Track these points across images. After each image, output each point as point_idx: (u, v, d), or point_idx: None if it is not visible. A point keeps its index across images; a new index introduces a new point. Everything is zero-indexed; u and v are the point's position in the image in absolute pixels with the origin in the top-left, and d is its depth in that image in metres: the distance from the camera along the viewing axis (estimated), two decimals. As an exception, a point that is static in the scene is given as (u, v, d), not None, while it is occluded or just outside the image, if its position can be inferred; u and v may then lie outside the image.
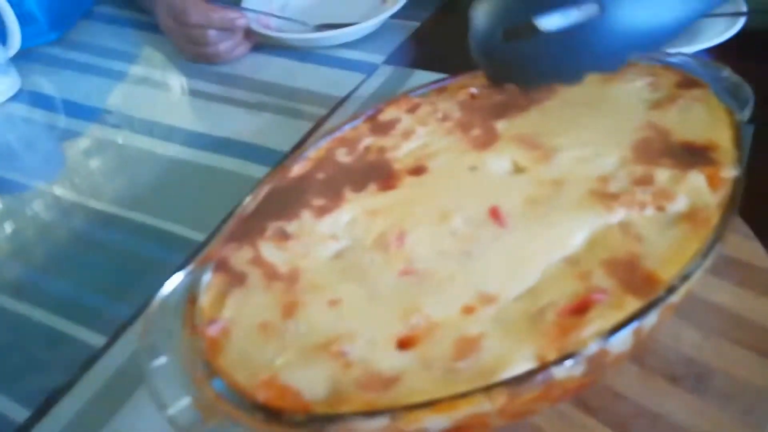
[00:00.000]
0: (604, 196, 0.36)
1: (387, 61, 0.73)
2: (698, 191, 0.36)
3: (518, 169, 0.40)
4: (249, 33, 0.74)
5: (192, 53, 0.74)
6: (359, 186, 0.40)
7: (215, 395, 0.30)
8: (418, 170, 0.41)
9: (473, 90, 0.46)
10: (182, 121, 0.68)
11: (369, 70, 0.71)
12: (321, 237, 0.38)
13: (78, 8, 0.89)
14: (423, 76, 0.68)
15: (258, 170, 0.60)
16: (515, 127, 0.42)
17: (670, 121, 0.40)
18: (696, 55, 0.50)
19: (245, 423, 0.29)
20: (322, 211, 0.39)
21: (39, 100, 0.76)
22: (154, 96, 0.73)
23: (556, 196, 0.37)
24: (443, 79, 0.48)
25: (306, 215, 0.39)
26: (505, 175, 0.40)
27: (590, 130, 0.41)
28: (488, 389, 0.29)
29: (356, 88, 0.69)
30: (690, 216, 0.34)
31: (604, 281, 0.32)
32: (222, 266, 0.36)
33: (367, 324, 0.32)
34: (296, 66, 0.74)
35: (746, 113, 0.40)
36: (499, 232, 0.36)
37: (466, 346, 0.31)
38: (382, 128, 0.45)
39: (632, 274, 0.32)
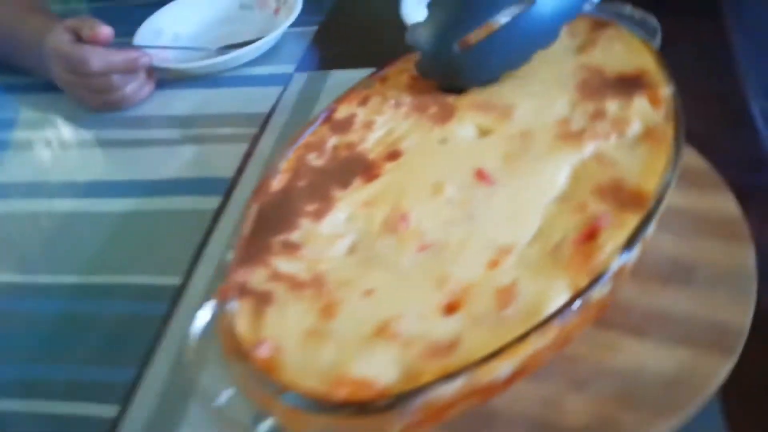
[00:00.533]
0: (570, 136, 0.40)
1: (298, 69, 0.74)
2: (646, 112, 0.40)
3: (484, 132, 0.43)
4: (151, 71, 0.73)
5: (96, 103, 0.71)
6: (344, 183, 0.42)
7: (290, 408, 0.31)
8: (393, 155, 0.43)
9: (413, 73, 0.48)
10: (108, 173, 0.66)
11: (283, 80, 0.72)
12: (327, 238, 0.39)
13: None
14: (340, 76, 0.70)
15: (208, 202, 0.59)
16: (466, 97, 0.45)
17: (597, 60, 0.45)
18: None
19: (331, 425, 0.30)
20: (318, 215, 0.40)
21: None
22: (66, 156, 0.70)
23: (528, 147, 0.40)
24: (379, 70, 0.50)
25: (304, 222, 0.40)
26: (475, 140, 0.42)
27: (533, 84, 0.45)
28: (541, 326, 0.31)
29: (278, 101, 0.69)
30: (647, 135, 0.39)
31: (600, 207, 0.36)
32: (244, 291, 0.37)
33: (407, 302, 0.34)
34: (207, 93, 0.73)
35: (657, 40, 0.45)
36: (490, 190, 0.39)
37: (505, 295, 0.33)
38: (341, 126, 0.46)
39: (621, 194, 0.36)
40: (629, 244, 0.33)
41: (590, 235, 0.35)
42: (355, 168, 0.43)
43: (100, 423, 0.44)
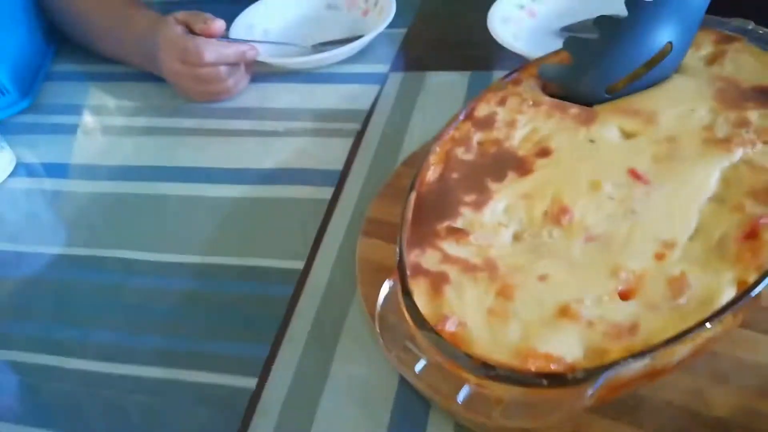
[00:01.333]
0: (717, 142, 0.43)
1: (393, 69, 0.76)
2: (787, 123, 0.43)
3: (629, 135, 0.45)
4: (250, 65, 0.75)
5: (201, 94, 0.73)
6: (498, 176, 0.44)
7: (485, 379, 0.33)
8: (543, 152, 0.45)
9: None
10: (217, 160, 0.68)
11: (379, 80, 0.75)
12: (491, 226, 0.41)
13: (40, 71, 0.85)
14: (436, 77, 0.73)
15: (321, 192, 0.61)
16: (607, 102, 0.48)
17: (729, 72, 0.48)
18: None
19: (523, 395, 0.33)
20: (477, 205, 0.43)
21: (39, 171, 0.72)
22: (178, 142, 0.72)
23: (676, 151, 0.43)
24: (510, 74, 0.52)
25: (466, 211, 0.42)
26: (622, 142, 0.45)
27: (672, 92, 0.47)
28: (717, 314, 0.34)
29: (377, 99, 0.72)
30: (792, 144, 0.41)
31: (758, 208, 0.38)
32: (419, 271, 0.39)
33: (583, 287, 0.37)
34: (303, 88, 0.76)
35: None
36: (647, 189, 0.41)
37: (678, 285, 0.36)
38: (484, 123, 0.48)
39: (777, 198, 0.38)
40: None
41: (752, 234, 0.37)
42: (507, 163, 0.45)
43: (240, 393, 0.46)
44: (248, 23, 0.82)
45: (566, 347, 0.34)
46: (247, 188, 0.64)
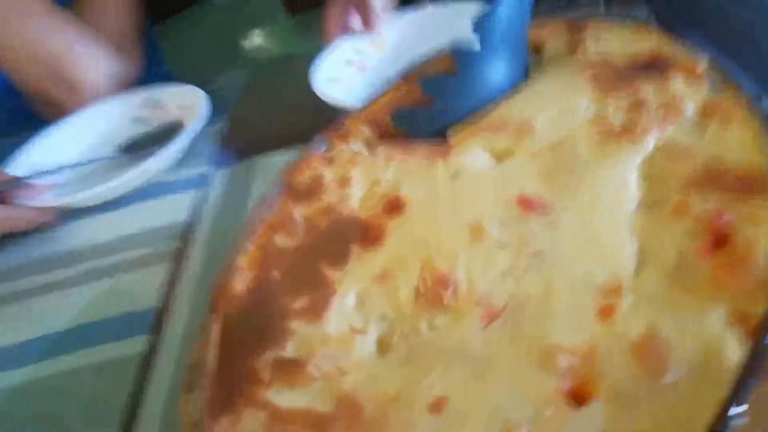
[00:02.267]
0: (617, 134, 0.31)
1: (216, 166, 0.61)
2: (690, 90, 0.32)
3: (501, 156, 0.32)
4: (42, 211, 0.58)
5: None
6: (338, 258, 0.29)
7: None
8: (393, 207, 0.31)
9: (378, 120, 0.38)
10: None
11: (199, 181, 0.60)
12: (339, 340, 0.26)
13: None
14: (270, 160, 0.59)
15: (131, 345, 0.44)
16: (463, 126, 0.35)
17: (596, 54, 0.37)
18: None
19: None
20: (313, 311, 0.27)
21: None
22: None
23: (569, 159, 0.30)
24: (328, 129, 0.39)
25: (296, 326, 0.27)
26: (495, 167, 0.32)
27: (540, 94, 0.35)
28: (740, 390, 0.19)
29: (199, 205, 0.56)
30: (708, 111, 0.30)
31: (706, 204, 0.26)
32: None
33: (506, 406, 0.21)
34: (114, 216, 0.59)
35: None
36: (548, 218, 0.28)
37: (649, 353, 0.22)
38: (307, 193, 0.34)
39: (725, 180, 0.26)
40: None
41: (719, 241, 0.24)
42: (347, 235, 0.31)
43: None
44: (34, 162, 0.65)
45: None
46: (29, 370, 0.45)
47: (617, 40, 0.37)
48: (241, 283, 0.30)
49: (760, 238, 0.23)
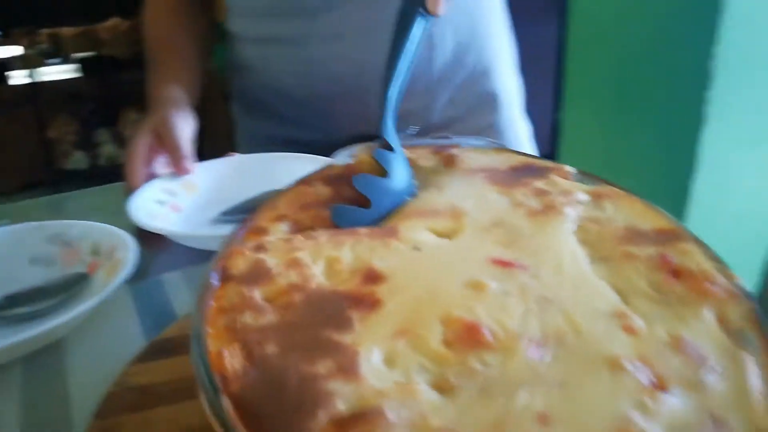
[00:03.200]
0: (541, 212, 0.36)
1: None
2: (570, 183, 0.39)
3: (447, 234, 0.35)
4: None
5: None
6: (341, 324, 0.27)
7: None
8: (373, 278, 0.30)
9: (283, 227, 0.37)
10: None
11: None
12: (397, 390, 0.23)
13: None
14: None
15: None
16: (395, 214, 0.37)
17: (475, 165, 0.43)
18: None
19: None
20: (345, 372, 0.24)
21: None
22: None
23: (514, 232, 0.34)
24: (240, 229, 0.37)
25: (336, 386, 0.23)
26: (449, 242, 0.34)
27: (448, 192, 0.39)
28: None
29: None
30: (596, 195, 0.38)
31: (647, 250, 0.32)
32: None
33: (608, 405, 0.22)
34: None
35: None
36: (528, 273, 0.30)
37: (683, 346, 0.25)
38: (255, 277, 0.31)
39: (648, 236, 0.33)
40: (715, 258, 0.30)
41: (677, 273, 0.30)
42: (337, 305, 0.28)
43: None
44: None
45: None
46: None
47: (486, 157, 0.44)
48: (232, 365, 0.25)
49: (701, 262, 0.29)
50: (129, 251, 0.47)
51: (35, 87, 2.41)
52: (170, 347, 0.40)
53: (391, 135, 0.40)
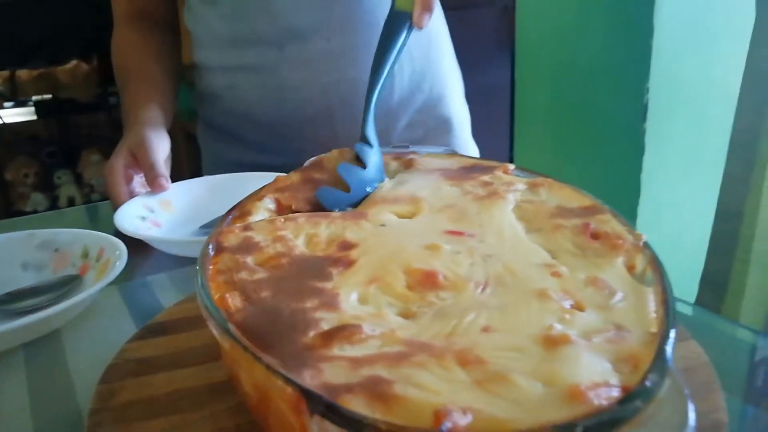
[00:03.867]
0: (487, 197, 0.42)
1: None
2: (510, 177, 0.46)
3: (407, 215, 0.41)
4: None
5: None
6: (322, 276, 0.33)
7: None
8: (346, 246, 0.36)
9: (270, 202, 0.43)
10: None
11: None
12: (370, 316, 0.29)
13: None
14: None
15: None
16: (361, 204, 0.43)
17: (429, 167, 0.50)
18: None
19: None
20: (328, 306, 0.30)
21: None
22: None
23: (464, 212, 0.40)
24: (226, 216, 0.42)
25: (321, 314, 0.29)
26: (410, 221, 0.40)
27: (409, 186, 0.45)
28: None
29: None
30: (533, 185, 0.44)
31: (571, 221, 0.38)
32: (339, 390, 0.23)
33: (537, 317, 0.28)
34: None
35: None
36: (475, 239, 0.37)
37: (598, 283, 0.31)
38: (245, 249, 0.36)
39: (575, 211, 0.40)
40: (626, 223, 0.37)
41: (595, 235, 0.36)
42: (318, 264, 0.34)
43: None
44: None
45: (593, 370, 0.24)
46: None
47: (440, 160, 0.51)
48: (232, 302, 0.30)
49: (618, 228, 0.36)
50: (118, 252, 0.52)
51: (-9, 129, 2.41)
52: (164, 328, 0.44)
53: (371, 131, 0.46)
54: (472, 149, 0.91)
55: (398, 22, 0.54)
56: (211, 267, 0.34)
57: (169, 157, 0.74)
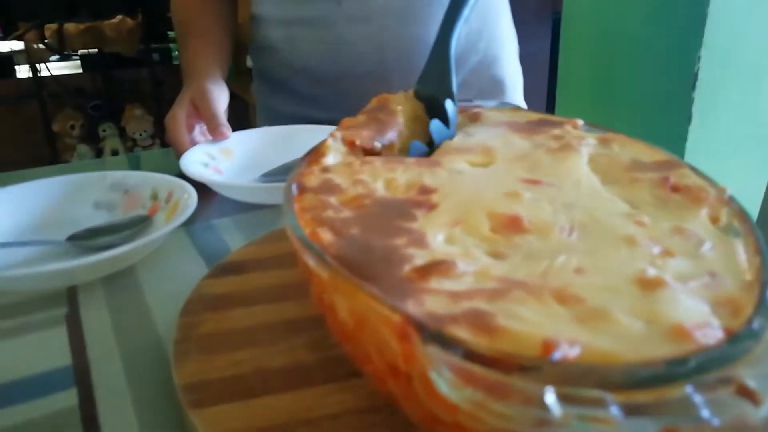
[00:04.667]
0: (560, 149, 0.42)
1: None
2: (579, 132, 0.46)
3: (480, 165, 0.41)
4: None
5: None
6: (407, 217, 0.33)
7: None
8: (426, 191, 0.37)
9: (339, 144, 0.44)
10: None
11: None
12: (461, 254, 0.30)
13: None
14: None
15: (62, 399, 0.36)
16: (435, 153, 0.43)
17: (497, 120, 0.50)
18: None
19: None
20: (418, 243, 0.30)
21: None
22: None
23: (538, 163, 0.40)
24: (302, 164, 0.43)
25: (413, 251, 0.30)
26: (485, 170, 0.40)
27: (477, 137, 0.46)
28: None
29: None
30: (604, 140, 0.44)
31: (648, 174, 0.38)
32: (444, 320, 0.24)
33: (631, 260, 0.28)
34: None
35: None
36: (553, 189, 0.37)
37: (685, 233, 0.31)
38: (327, 189, 0.37)
39: (650, 166, 0.39)
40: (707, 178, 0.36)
41: (673, 187, 0.36)
42: (401, 206, 0.35)
43: None
44: None
45: (693, 312, 0.24)
46: None
47: (506, 115, 0.50)
48: (325, 237, 0.31)
49: (699, 182, 0.36)
50: (188, 194, 0.53)
51: (39, 81, 2.46)
52: (236, 268, 0.46)
53: (454, 87, 0.47)
54: (525, 110, 0.90)
55: None
56: (296, 205, 0.35)
57: (227, 108, 0.75)
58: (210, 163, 0.69)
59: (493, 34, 0.85)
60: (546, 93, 2.21)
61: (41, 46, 2.46)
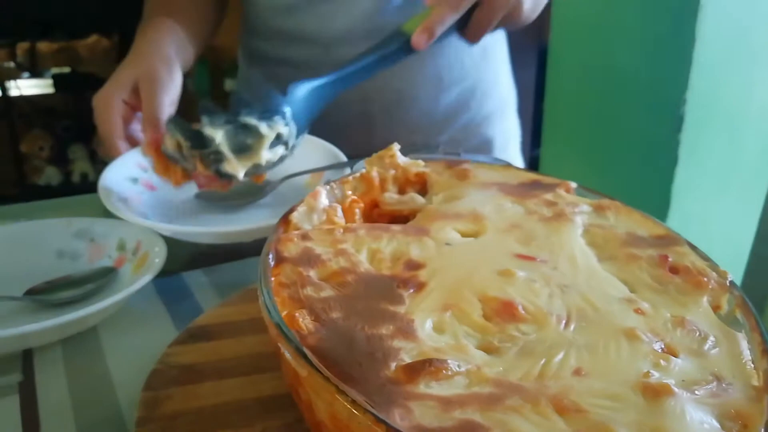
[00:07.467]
0: (553, 218, 0.40)
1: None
2: (573, 197, 0.44)
3: (471, 234, 0.39)
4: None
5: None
6: (393, 299, 0.31)
7: None
8: (413, 266, 0.34)
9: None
10: None
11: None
12: (452, 349, 0.27)
13: None
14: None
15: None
16: (421, 217, 0.41)
17: (486, 179, 0.48)
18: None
19: None
20: (404, 334, 0.28)
21: None
22: None
23: (531, 233, 0.39)
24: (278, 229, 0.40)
25: (399, 344, 0.27)
26: (474, 240, 0.38)
27: (467, 202, 0.43)
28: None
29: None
30: (599, 207, 0.42)
31: (646, 251, 0.37)
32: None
33: (629, 361, 0.26)
34: None
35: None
36: (549, 266, 0.35)
37: (686, 325, 0.30)
38: (307, 261, 0.35)
39: (648, 241, 0.38)
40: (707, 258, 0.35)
41: (673, 268, 0.35)
42: (386, 284, 0.32)
43: None
44: None
45: (701, 428, 0.23)
46: None
47: (496, 173, 0.49)
48: (304, 324, 0.28)
49: (699, 264, 0.34)
50: (158, 247, 0.50)
51: (8, 101, 2.40)
52: (207, 333, 0.43)
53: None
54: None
55: (396, 38, 0.56)
56: (273, 279, 0.33)
57: (176, 105, 0.62)
58: (141, 177, 0.60)
59: (489, 91, 0.84)
60: (531, 122, 2.20)
61: (12, 64, 2.41)
